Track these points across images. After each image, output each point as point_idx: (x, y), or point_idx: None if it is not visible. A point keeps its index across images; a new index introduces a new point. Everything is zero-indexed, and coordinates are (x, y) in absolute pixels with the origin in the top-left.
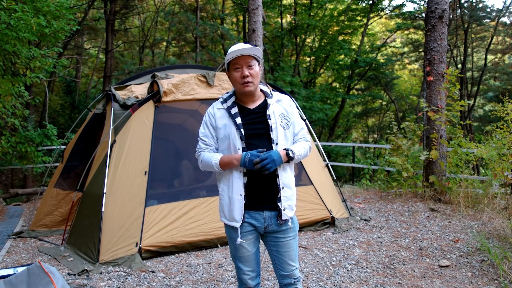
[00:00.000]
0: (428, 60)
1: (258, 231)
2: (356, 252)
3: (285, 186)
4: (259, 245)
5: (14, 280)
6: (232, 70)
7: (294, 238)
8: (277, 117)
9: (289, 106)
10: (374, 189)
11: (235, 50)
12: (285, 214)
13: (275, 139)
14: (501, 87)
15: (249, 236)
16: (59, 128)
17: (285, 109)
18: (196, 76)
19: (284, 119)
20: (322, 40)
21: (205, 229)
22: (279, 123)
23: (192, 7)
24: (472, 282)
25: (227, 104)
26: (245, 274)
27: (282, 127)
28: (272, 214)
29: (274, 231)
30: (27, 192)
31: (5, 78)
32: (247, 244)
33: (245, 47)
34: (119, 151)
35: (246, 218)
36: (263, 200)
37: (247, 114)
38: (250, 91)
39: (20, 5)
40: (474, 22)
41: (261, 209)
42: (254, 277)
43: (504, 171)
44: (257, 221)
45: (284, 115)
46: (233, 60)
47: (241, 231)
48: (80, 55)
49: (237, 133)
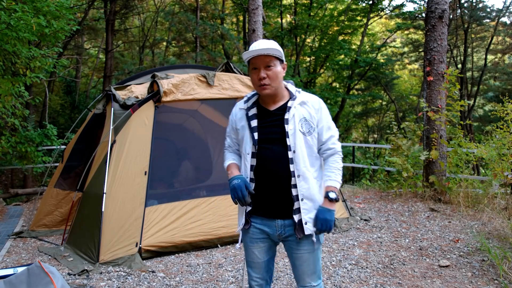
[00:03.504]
0: (428, 60)
1: (272, 239)
2: (356, 252)
3: (305, 198)
4: (274, 254)
5: (14, 280)
6: (250, 70)
7: (311, 252)
8: (297, 122)
9: (315, 109)
10: (374, 189)
11: (251, 49)
12: (307, 228)
13: (292, 146)
14: (501, 87)
15: (261, 243)
16: (59, 128)
17: (309, 112)
18: (196, 76)
19: (306, 124)
20: (322, 40)
21: (205, 229)
22: (298, 128)
23: (192, 7)
24: (472, 282)
25: (247, 104)
26: (253, 280)
27: (302, 133)
28: (286, 222)
29: (290, 240)
30: (27, 192)
31: (5, 78)
32: (258, 252)
33: (262, 46)
34: (119, 151)
35: (256, 223)
36: (273, 209)
37: (265, 117)
38: (268, 94)
39: (20, 5)
40: (474, 22)
41: (272, 217)
42: (262, 284)
43: (504, 171)
44: (269, 228)
45: (306, 119)
46: (251, 60)
47: (251, 236)
48: (80, 55)
49: (250, 137)
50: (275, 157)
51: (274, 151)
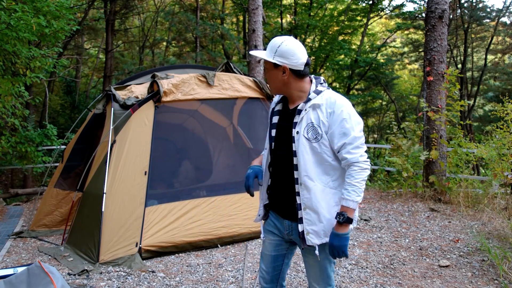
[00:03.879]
0: (428, 60)
1: (283, 237)
2: (356, 252)
3: (308, 208)
4: (286, 255)
5: (14, 280)
6: None
7: (316, 260)
8: (303, 127)
9: (327, 113)
10: (374, 189)
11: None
12: (308, 239)
13: (296, 152)
14: (501, 87)
15: (271, 236)
16: (59, 128)
17: (318, 117)
18: (196, 76)
19: (312, 130)
20: (322, 40)
21: (205, 229)
22: (303, 134)
23: (192, 7)
24: (472, 282)
25: (277, 99)
26: (260, 271)
27: (306, 139)
28: (293, 225)
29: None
30: (27, 192)
31: (5, 78)
32: (268, 243)
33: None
34: (119, 151)
35: (271, 216)
36: (282, 210)
37: (285, 115)
38: (275, 94)
39: (20, 5)
40: (474, 22)
41: (282, 216)
42: (267, 280)
43: (504, 171)
44: (280, 225)
45: (313, 124)
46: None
47: (266, 227)
48: (80, 55)
49: (268, 132)
50: (284, 159)
51: (284, 152)
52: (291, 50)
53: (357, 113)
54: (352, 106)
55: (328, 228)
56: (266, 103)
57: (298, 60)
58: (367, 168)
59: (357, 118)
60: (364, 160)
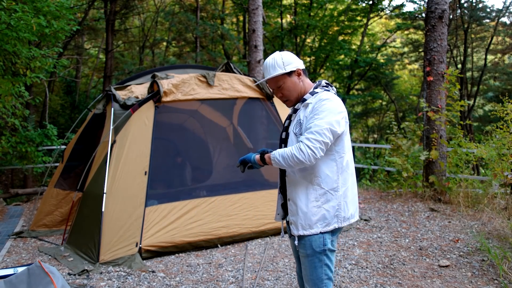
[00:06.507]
0: (428, 60)
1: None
2: (356, 252)
3: (291, 199)
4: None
5: (14, 280)
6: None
7: (305, 257)
8: (294, 123)
9: (310, 111)
10: (374, 189)
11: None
12: (292, 228)
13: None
14: (501, 87)
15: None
16: (59, 128)
17: (305, 115)
18: (196, 76)
19: (298, 126)
20: (322, 40)
21: (205, 229)
22: (292, 130)
23: (192, 7)
24: (472, 282)
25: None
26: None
27: (294, 134)
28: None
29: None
30: (27, 192)
31: (5, 78)
32: (291, 242)
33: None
34: (119, 151)
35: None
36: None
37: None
38: (292, 106)
39: (20, 5)
40: (474, 22)
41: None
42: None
43: (504, 171)
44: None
45: (300, 122)
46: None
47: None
48: (80, 55)
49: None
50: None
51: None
52: (289, 56)
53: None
54: (342, 106)
55: (305, 221)
56: (266, 103)
57: (298, 60)
58: (304, 153)
59: (334, 114)
60: (308, 145)
